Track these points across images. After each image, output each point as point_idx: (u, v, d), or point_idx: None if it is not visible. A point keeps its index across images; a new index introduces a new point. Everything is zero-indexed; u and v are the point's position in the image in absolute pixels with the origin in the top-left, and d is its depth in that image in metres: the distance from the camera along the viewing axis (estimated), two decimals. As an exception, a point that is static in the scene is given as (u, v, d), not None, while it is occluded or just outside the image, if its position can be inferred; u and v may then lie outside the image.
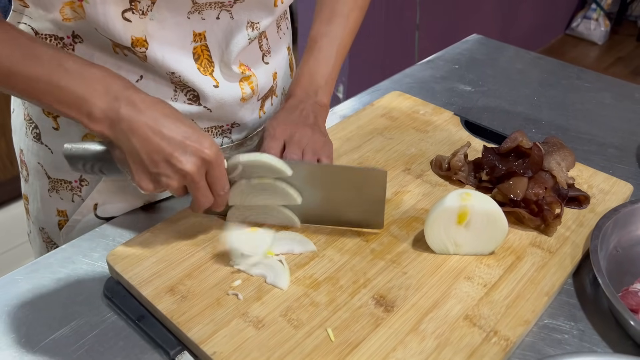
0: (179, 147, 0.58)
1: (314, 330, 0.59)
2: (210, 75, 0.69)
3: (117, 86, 0.58)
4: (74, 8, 0.60)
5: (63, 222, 0.79)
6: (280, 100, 0.85)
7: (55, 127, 0.72)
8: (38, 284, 0.66)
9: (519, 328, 0.60)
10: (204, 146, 0.59)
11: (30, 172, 0.79)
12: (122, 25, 0.61)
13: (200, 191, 0.61)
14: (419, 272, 0.66)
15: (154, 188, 0.60)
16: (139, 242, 0.68)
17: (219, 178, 0.62)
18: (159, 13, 0.62)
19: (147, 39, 0.63)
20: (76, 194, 0.76)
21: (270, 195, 0.67)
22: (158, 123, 0.57)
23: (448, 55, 1.22)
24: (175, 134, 0.58)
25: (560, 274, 0.66)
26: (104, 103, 0.57)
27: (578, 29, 3.55)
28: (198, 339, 0.57)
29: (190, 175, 0.59)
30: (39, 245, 0.86)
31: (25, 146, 0.78)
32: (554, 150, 0.80)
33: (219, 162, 0.61)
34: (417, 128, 0.92)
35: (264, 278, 0.65)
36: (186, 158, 0.58)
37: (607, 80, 1.14)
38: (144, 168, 0.59)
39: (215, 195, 0.63)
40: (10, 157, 2.11)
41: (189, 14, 0.64)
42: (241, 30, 0.68)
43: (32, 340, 0.60)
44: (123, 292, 0.64)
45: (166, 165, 0.58)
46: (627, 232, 0.72)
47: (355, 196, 0.69)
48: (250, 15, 0.68)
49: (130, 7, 0.61)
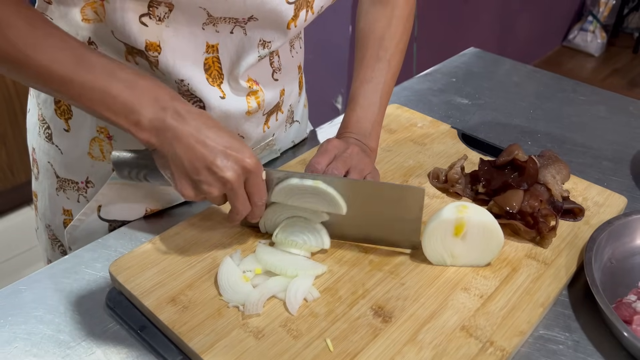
0: (221, 155, 0.60)
1: (313, 340, 0.60)
2: (218, 87, 0.71)
3: (164, 97, 0.60)
4: (95, 8, 0.63)
5: (68, 221, 0.81)
6: (286, 116, 0.86)
7: (66, 128, 0.74)
8: (41, 294, 0.67)
9: (515, 339, 0.61)
10: (245, 156, 0.61)
11: (40, 171, 0.82)
12: (138, 29, 0.63)
13: (239, 200, 0.63)
14: (416, 283, 0.67)
15: (195, 195, 0.63)
16: (141, 253, 0.69)
17: (258, 187, 0.64)
18: (175, 21, 0.64)
19: (161, 44, 0.65)
20: (82, 194, 0.78)
21: (316, 199, 0.68)
22: (201, 133, 0.60)
23: (445, 68, 1.24)
24: (217, 143, 0.60)
25: (556, 286, 0.68)
26: (151, 113, 0.59)
27: (575, 41, 3.58)
28: (199, 349, 0.58)
29: (230, 183, 0.61)
30: (44, 241, 0.88)
31: (37, 145, 0.80)
32: (549, 163, 0.81)
33: (258, 172, 0.63)
34: (415, 141, 0.94)
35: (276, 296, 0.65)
36: (227, 166, 0.60)
37: (602, 93, 1.16)
38: (186, 175, 0.61)
39: (253, 205, 0.65)
40: (10, 167, 2.12)
41: (204, 25, 0.66)
42: (253, 47, 0.70)
43: (35, 350, 0.61)
44: (125, 302, 0.65)
45: (207, 172, 0.60)
46: (621, 244, 0.73)
47: (392, 213, 0.68)
48: (263, 34, 0.69)
49: (147, 12, 0.63)
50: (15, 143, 2.10)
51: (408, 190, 0.68)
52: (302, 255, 0.69)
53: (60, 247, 0.85)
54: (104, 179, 0.75)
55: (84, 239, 0.79)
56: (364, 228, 0.71)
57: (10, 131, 2.06)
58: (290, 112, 0.87)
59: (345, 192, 0.67)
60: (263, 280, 0.66)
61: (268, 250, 0.69)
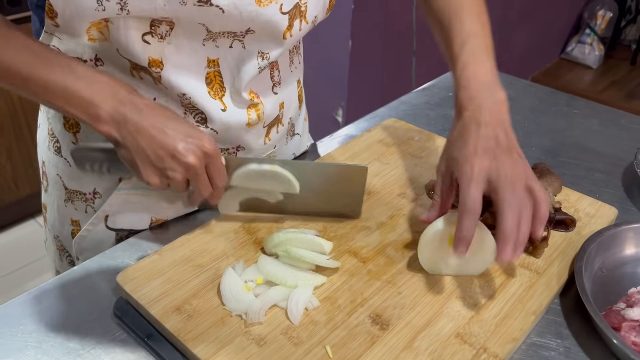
0: (182, 142, 0.65)
1: (313, 347, 0.62)
2: (220, 100, 0.74)
3: (122, 91, 0.64)
4: (100, 29, 0.66)
5: (76, 232, 0.84)
6: (287, 129, 0.89)
7: (74, 141, 0.78)
8: (51, 304, 0.70)
9: (508, 345, 0.63)
10: (204, 142, 0.66)
11: (49, 183, 0.85)
12: (141, 47, 0.67)
13: (201, 182, 0.68)
14: (413, 292, 0.69)
15: (160, 182, 0.67)
16: (147, 264, 0.72)
17: (219, 171, 0.69)
18: (176, 38, 0.68)
19: (163, 60, 0.69)
20: (89, 205, 0.81)
21: (273, 181, 0.75)
22: (162, 124, 0.64)
23: (442, 83, 1.27)
24: (177, 132, 0.65)
25: (547, 294, 0.70)
26: (110, 107, 0.63)
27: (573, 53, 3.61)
28: (204, 356, 0.61)
29: (193, 168, 0.66)
30: (53, 252, 0.91)
31: (47, 158, 0.84)
32: (542, 175, 0.84)
33: (217, 156, 0.68)
34: (412, 154, 0.96)
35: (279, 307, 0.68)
36: (189, 151, 0.65)
37: (595, 107, 1.19)
38: (151, 164, 0.65)
39: (214, 187, 0.70)
40: (15, 180, 2.15)
41: (204, 40, 0.69)
42: (252, 59, 0.73)
43: (45, 358, 0.63)
44: (132, 311, 0.68)
45: (171, 159, 0.65)
46: (611, 253, 0.76)
47: (339, 189, 0.78)
48: (261, 46, 0.73)
49: (150, 31, 0.66)
50: (20, 157, 2.13)
51: (353, 168, 0.77)
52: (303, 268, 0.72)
53: (68, 257, 0.88)
54: (111, 190, 0.79)
55: (91, 249, 0.82)
56: (313, 204, 0.79)
57: (15, 145, 2.09)
58: (291, 125, 0.90)
59: (298, 174, 0.75)
60: (264, 289, 0.68)
61: (270, 261, 0.71)
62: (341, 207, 0.80)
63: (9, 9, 1.87)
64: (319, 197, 0.78)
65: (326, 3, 0.77)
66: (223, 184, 0.71)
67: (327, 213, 0.80)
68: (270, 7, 0.68)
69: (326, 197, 0.78)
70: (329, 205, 0.79)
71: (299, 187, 0.75)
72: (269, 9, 0.68)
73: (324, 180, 0.77)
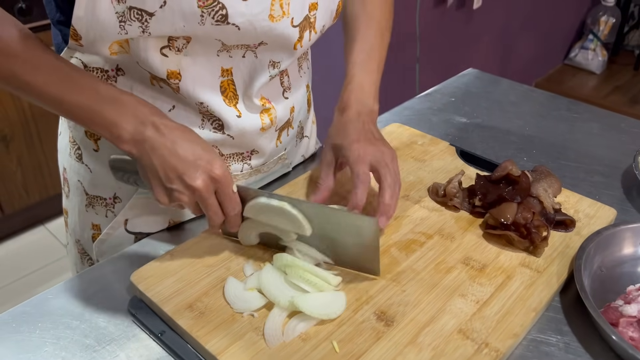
0: (191, 166, 0.66)
1: (320, 342, 0.65)
2: (234, 107, 0.77)
3: (144, 112, 0.67)
4: (121, 43, 0.69)
5: (96, 236, 0.86)
6: (296, 132, 0.92)
7: (95, 149, 0.80)
8: (68, 302, 0.72)
9: (509, 341, 0.65)
10: (214, 166, 0.67)
11: (71, 189, 0.88)
12: (159, 60, 0.69)
13: (210, 208, 0.69)
14: (416, 290, 0.72)
15: (169, 202, 0.69)
16: (160, 263, 0.75)
17: (228, 197, 0.69)
18: (193, 50, 0.71)
19: (181, 72, 0.71)
20: (110, 209, 0.84)
21: (282, 219, 0.71)
22: (175, 145, 0.66)
23: (445, 88, 1.29)
24: (188, 154, 0.66)
25: (548, 292, 0.72)
26: (132, 127, 0.66)
27: (576, 59, 3.63)
28: (215, 351, 0.63)
29: (199, 191, 0.67)
30: (74, 255, 0.94)
31: (68, 165, 0.87)
32: (542, 177, 0.86)
33: (226, 181, 0.68)
34: (415, 157, 0.99)
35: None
36: (196, 175, 0.66)
37: (595, 111, 1.21)
38: (161, 183, 0.67)
39: (226, 215, 0.70)
40: (25, 187, 2.19)
41: (219, 52, 0.72)
42: (264, 68, 0.76)
43: (63, 354, 0.66)
44: (146, 309, 0.70)
45: (179, 181, 0.66)
46: (609, 253, 0.78)
47: (351, 239, 0.71)
48: (272, 56, 0.76)
49: (167, 45, 0.69)
50: (30, 164, 2.16)
51: (361, 219, 0.70)
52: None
53: (89, 260, 0.91)
54: (130, 195, 0.81)
55: (111, 251, 0.84)
56: (329, 250, 0.74)
57: (26, 153, 2.13)
58: (300, 127, 0.93)
59: (310, 215, 0.70)
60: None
61: (272, 275, 0.71)
62: (358, 259, 0.73)
63: (21, 19, 1.91)
64: (333, 244, 0.73)
65: (333, 12, 0.80)
66: (234, 213, 0.70)
67: (346, 264, 0.74)
68: (282, 21, 0.71)
69: (341, 245, 0.72)
70: (345, 254, 0.73)
71: (310, 230, 0.71)
72: (281, 23, 0.71)
73: (335, 226, 0.71)
